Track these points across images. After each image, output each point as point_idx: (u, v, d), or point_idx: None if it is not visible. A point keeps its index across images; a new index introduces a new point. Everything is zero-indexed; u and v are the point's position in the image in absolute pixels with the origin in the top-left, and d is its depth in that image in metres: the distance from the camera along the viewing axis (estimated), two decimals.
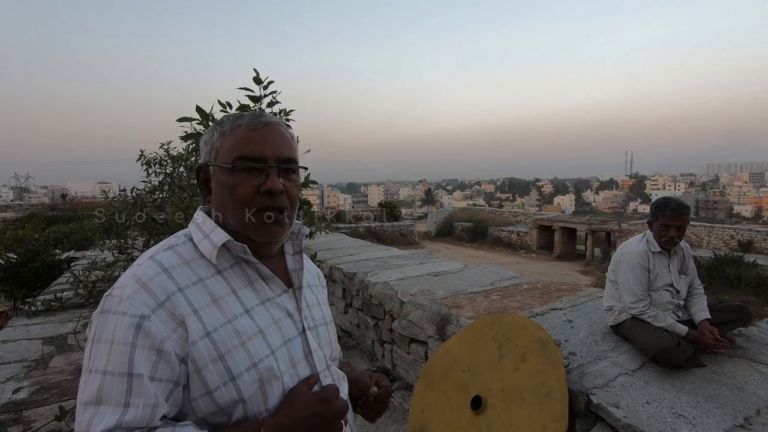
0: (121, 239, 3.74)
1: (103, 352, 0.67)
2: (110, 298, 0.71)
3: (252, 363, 0.73)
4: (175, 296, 0.71)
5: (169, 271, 0.73)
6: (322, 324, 0.91)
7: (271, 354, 0.76)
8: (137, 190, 3.69)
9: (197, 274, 0.76)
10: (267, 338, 0.77)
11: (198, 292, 0.74)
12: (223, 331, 0.73)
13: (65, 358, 3.20)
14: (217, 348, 0.71)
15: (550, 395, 1.85)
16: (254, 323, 0.77)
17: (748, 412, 1.71)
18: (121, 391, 0.65)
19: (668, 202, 2.25)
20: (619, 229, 19.75)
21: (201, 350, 0.70)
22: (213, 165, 0.83)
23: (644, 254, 2.27)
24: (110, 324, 0.68)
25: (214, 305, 0.74)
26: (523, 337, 2.13)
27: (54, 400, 2.55)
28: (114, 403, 0.65)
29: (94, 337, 0.69)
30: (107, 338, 0.68)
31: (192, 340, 0.70)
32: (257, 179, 0.79)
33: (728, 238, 20.50)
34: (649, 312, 2.19)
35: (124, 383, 0.65)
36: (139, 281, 0.71)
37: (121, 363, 0.66)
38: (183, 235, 0.82)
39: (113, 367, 0.66)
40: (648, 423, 1.65)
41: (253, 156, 0.79)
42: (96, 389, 0.65)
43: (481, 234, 25.93)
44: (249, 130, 0.81)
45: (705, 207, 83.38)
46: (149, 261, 0.74)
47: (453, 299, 3.11)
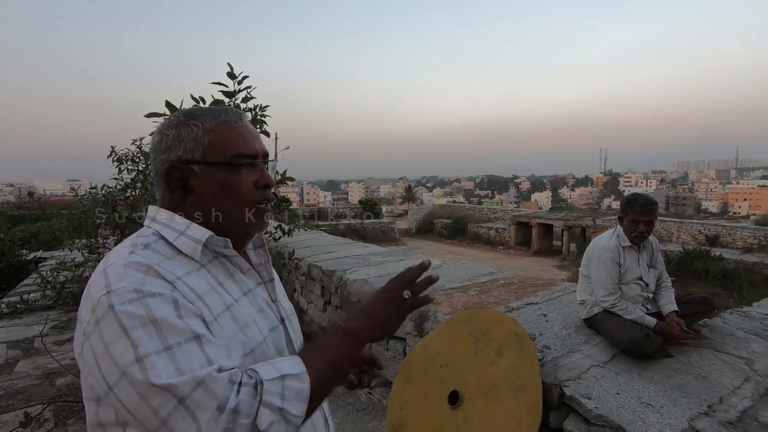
0: (92, 238, 3.63)
1: (149, 335, 0.60)
2: (116, 293, 0.63)
3: (250, 348, 0.74)
4: (178, 282, 0.69)
5: (159, 264, 0.70)
6: (292, 314, 0.94)
7: (263, 341, 0.78)
8: (108, 187, 3.58)
9: (184, 268, 0.74)
10: (258, 326, 0.78)
11: (195, 279, 0.73)
12: (224, 317, 0.73)
13: (31, 362, 3.08)
14: (225, 332, 0.71)
15: (525, 388, 1.89)
16: (246, 311, 0.78)
17: (711, 400, 1.78)
18: (196, 352, 0.62)
19: (637, 198, 2.32)
20: (593, 225, 20.27)
21: (217, 332, 0.69)
22: (202, 163, 0.78)
23: (615, 249, 2.34)
24: (138, 310, 0.62)
25: (212, 292, 0.74)
26: (499, 332, 2.16)
27: (19, 406, 2.46)
28: (200, 364, 0.61)
29: (124, 330, 0.61)
30: (145, 322, 0.61)
31: (208, 320, 0.69)
32: (254, 175, 0.81)
33: (696, 232, 21.31)
34: (619, 305, 2.25)
35: (194, 347, 0.62)
36: (139, 269, 0.67)
37: (182, 331, 0.62)
38: (150, 234, 0.77)
39: (174, 339, 0.61)
40: (618, 413, 1.70)
41: (249, 153, 0.81)
42: (176, 364, 0.60)
43: (460, 231, 26.20)
44: (238, 126, 0.81)
45: (674, 203, 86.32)
46: (134, 255, 0.70)
47: (431, 295, 3.13)
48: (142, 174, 3.48)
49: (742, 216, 59.07)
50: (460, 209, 31.62)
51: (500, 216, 28.21)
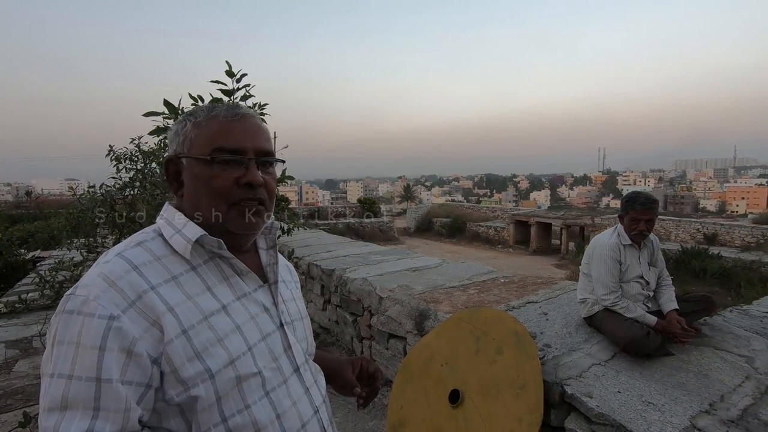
0: (90, 238, 3.61)
1: (67, 355, 0.63)
2: (74, 298, 0.67)
3: (230, 360, 0.72)
4: (147, 295, 0.68)
5: (140, 268, 0.70)
6: (298, 319, 0.91)
7: (249, 350, 0.75)
8: (106, 186, 3.56)
9: (170, 271, 0.73)
10: (244, 334, 0.76)
11: (171, 289, 0.71)
12: (199, 328, 0.71)
13: (30, 361, 3.07)
14: (193, 346, 0.69)
15: (525, 387, 1.88)
16: (231, 320, 0.75)
17: (712, 398, 1.78)
18: (89, 397, 0.62)
19: (638, 197, 2.32)
20: (592, 224, 20.28)
21: (177, 349, 0.68)
22: (186, 157, 0.79)
23: (615, 247, 2.33)
24: (75, 325, 0.64)
25: (189, 302, 0.72)
26: (500, 331, 2.15)
27: (18, 406, 2.44)
28: (83, 408, 0.61)
29: (54, 339, 0.65)
30: (72, 341, 0.64)
31: (168, 338, 0.68)
32: (236, 171, 0.78)
33: (694, 231, 21.33)
34: (620, 303, 2.24)
35: (92, 388, 0.62)
36: (107, 279, 0.68)
37: (89, 367, 0.63)
38: (152, 230, 0.79)
39: (80, 372, 0.63)
40: (619, 411, 1.69)
41: (232, 147, 0.78)
42: (61, 394, 0.62)
43: (459, 230, 26.20)
44: (227, 121, 0.79)
45: (673, 202, 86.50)
46: (117, 258, 0.71)
47: (431, 294, 3.12)
48: (140, 173, 3.47)
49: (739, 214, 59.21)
50: (458, 208, 31.62)
51: (499, 215, 28.21)
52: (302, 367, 0.85)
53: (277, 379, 0.79)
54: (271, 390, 0.77)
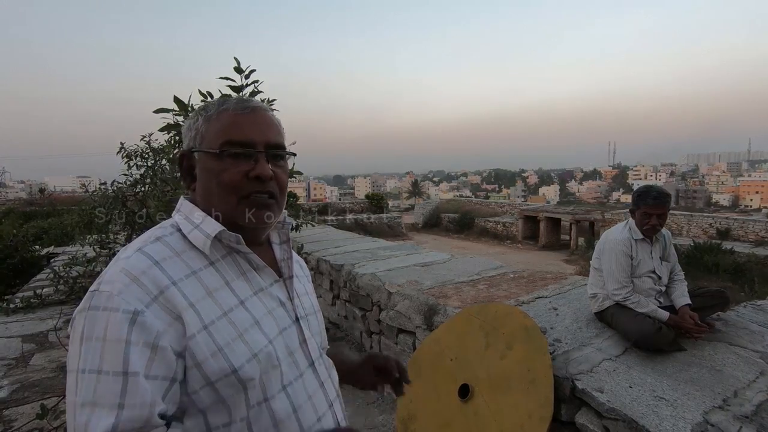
0: (102, 234, 3.66)
1: (95, 351, 0.64)
2: (98, 294, 0.67)
3: (252, 354, 0.72)
4: (169, 290, 0.69)
5: (161, 263, 0.71)
6: (312, 313, 0.92)
7: (270, 343, 0.76)
8: (118, 183, 3.60)
9: (189, 267, 0.73)
10: (263, 328, 0.76)
11: (192, 284, 0.72)
12: (219, 323, 0.71)
13: (46, 355, 3.13)
14: (215, 341, 0.70)
15: (535, 382, 1.88)
16: (250, 314, 0.76)
17: (726, 393, 1.76)
18: (116, 392, 0.62)
19: (650, 191, 2.28)
20: (602, 219, 20.09)
21: (200, 344, 0.69)
22: (198, 151, 0.80)
23: (627, 242, 2.31)
24: (101, 321, 0.65)
25: (209, 298, 0.72)
26: (510, 326, 2.15)
27: (35, 399, 2.49)
28: (109, 405, 0.62)
29: (82, 335, 0.66)
30: (98, 336, 0.64)
31: (190, 334, 0.68)
32: (246, 165, 0.78)
33: (707, 226, 21.05)
34: (632, 298, 2.22)
35: (119, 383, 0.63)
36: (129, 275, 0.68)
37: (115, 362, 0.63)
38: (170, 225, 0.79)
39: (108, 366, 0.63)
40: (631, 406, 1.68)
41: (241, 141, 0.78)
42: (92, 390, 0.63)
43: (467, 225, 26.12)
44: (236, 114, 0.79)
45: (684, 196, 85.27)
46: (138, 254, 0.71)
47: (440, 289, 3.12)
48: (151, 170, 3.50)
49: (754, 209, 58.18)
50: (466, 204, 31.51)
51: (507, 210, 28.08)
52: (317, 361, 0.86)
53: (294, 373, 0.80)
54: (288, 384, 0.78)
